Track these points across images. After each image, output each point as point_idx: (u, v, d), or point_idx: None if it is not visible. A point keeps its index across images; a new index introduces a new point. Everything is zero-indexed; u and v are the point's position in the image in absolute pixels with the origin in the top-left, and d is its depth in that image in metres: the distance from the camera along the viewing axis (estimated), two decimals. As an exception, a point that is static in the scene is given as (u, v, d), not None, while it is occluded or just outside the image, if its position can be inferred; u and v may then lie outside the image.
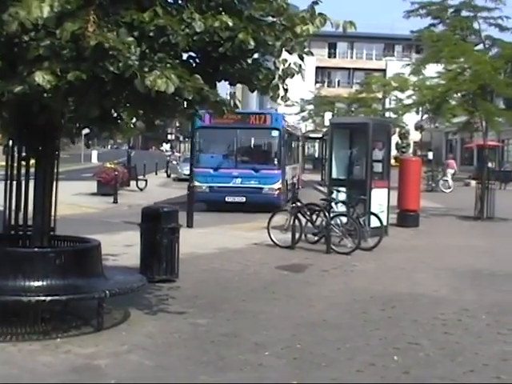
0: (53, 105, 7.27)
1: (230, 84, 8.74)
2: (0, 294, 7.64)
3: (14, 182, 8.57)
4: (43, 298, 7.70)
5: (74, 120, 8.28)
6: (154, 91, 6.70)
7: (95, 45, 6.50)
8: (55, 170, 8.61)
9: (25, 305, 7.88)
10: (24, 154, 8.64)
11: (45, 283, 7.82)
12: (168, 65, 6.98)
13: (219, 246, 15.03)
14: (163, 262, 10.83)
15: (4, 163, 8.73)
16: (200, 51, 7.79)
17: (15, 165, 8.62)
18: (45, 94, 6.78)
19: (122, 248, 13.44)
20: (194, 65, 7.98)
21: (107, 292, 8.06)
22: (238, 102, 8.68)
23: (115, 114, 7.92)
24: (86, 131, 9.17)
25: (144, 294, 9.70)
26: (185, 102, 7.77)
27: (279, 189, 23.84)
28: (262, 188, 23.85)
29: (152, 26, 6.90)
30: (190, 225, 18.24)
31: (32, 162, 8.58)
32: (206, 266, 12.59)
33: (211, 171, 24.16)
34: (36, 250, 8.21)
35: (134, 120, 7.63)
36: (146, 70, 6.79)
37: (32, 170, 8.57)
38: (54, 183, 8.60)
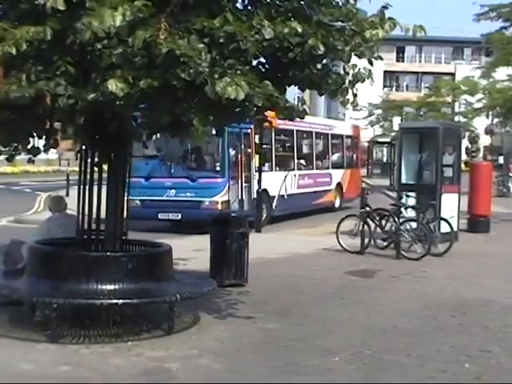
0: (124, 112, 7.38)
1: (300, 89, 8.75)
2: (73, 297, 7.80)
3: (87, 188, 8.73)
4: (115, 301, 7.84)
5: (146, 126, 8.39)
6: (224, 98, 6.76)
7: (167, 52, 6.59)
8: (127, 175, 8.74)
9: (97, 308, 8.03)
10: (96, 159, 8.80)
11: (117, 287, 7.95)
12: (238, 71, 7.04)
13: (288, 251, 15.04)
14: (232, 266, 10.91)
15: (77, 169, 8.89)
16: (269, 57, 7.83)
17: (88, 170, 8.79)
18: (117, 102, 6.89)
19: (191, 252, 13.55)
20: (263, 70, 8.02)
21: (178, 296, 8.15)
22: (306, 108, 8.67)
23: (185, 120, 7.99)
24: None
25: (213, 299, 9.76)
26: (254, 108, 7.80)
27: (224, 202, 18.61)
28: (200, 201, 18.64)
29: (222, 32, 6.97)
30: (258, 230, 18.29)
31: (104, 167, 8.74)
32: (274, 271, 12.60)
33: (142, 181, 18.62)
34: (108, 254, 8.35)
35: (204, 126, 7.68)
36: (217, 76, 6.86)
37: (104, 175, 8.73)
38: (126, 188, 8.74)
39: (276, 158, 21.99)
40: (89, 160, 8.80)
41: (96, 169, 8.81)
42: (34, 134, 8.46)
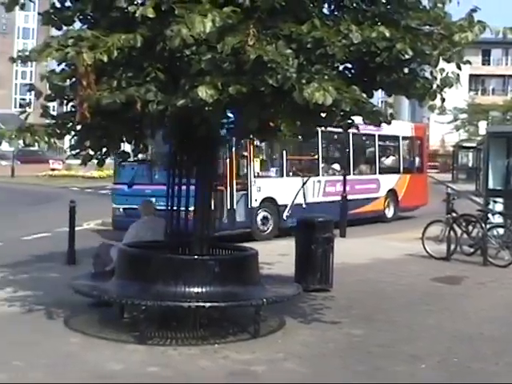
0: (213, 117, 7.48)
1: (387, 94, 8.71)
2: (162, 300, 7.93)
3: (176, 191, 8.87)
4: (203, 304, 7.94)
5: (233, 131, 8.48)
6: (312, 103, 6.78)
7: (255, 58, 6.66)
8: (214, 180, 8.84)
9: (185, 310, 8.16)
10: (185, 163, 8.93)
11: (204, 290, 8.04)
12: (325, 76, 7.07)
13: (372, 257, 14.94)
14: (317, 271, 10.91)
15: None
16: (356, 61, 7.83)
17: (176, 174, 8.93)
18: (206, 108, 7.00)
19: (276, 257, 13.58)
20: (349, 75, 8.03)
21: (265, 300, 8.22)
22: (393, 112, 8.63)
23: (273, 125, 8.06)
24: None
25: (299, 303, 9.77)
26: (341, 113, 7.80)
27: None
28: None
29: (310, 37, 7.01)
30: (342, 235, 18.23)
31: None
32: (359, 276, 12.55)
33: (125, 188, 17.96)
34: (196, 257, 8.46)
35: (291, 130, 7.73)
36: (304, 81, 6.91)
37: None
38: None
39: (288, 163, 19.73)
40: (177, 164, 8.94)
41: (184, 173, 8.95)
42: (124, 139, 8.64)
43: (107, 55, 6.94)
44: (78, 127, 8.12)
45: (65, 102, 8.44)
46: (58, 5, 8.34)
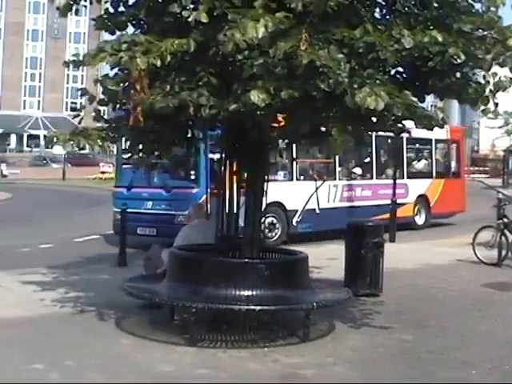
0: (265, 121, 7.52)
1: (439, 98, 8.66)
2: (212, 302, 7.98)
3: (227, 195, 8.92)
4: (253, 307, 7.97)
5: (285, 135, 8.50)
6: (363, 108, 6.78)
7: (307, 63, 6.67)
8: (265, 184, 8.87)
9: (235, 313, 8.18)
10: (235, 167, 8.98)
11: (254, 293, 8.07)
12: (377, 81, 7.06)
13: (422, 262, 14.83)
14: (367, 276, 10.88)
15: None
16: (408, 66, 7.81)
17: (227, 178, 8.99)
18: (258, 112, 7.04)
19: (325, 261, 13.56)
20: (401, 80, 8.00)
21: (315, 304, 8.22)
22: (443, 115, 8.57)
23: (324, 130, 8.07)
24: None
25: (348, 308, 9.75)
26: (392, 117, 7.78)
27: None
28: (174, 215, 15.96)
29: (362, 42, 7.00)
30: (392, 239, 18.12)
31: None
32: (409, 282, 12.47)
33: (124, 191, 17.36)
34: (246, 260, 8.50)
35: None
36: (356, 86, 6.90)
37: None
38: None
39: (299, 166, 18.73)
40: (228, 168, 9.00)
41: (235, 177, 9.01)
42: (176, 143, 8.72)
43: (160, 60, 7.02)
44: (131, 131, 8.20)
45: (118, 106, 8.53)
46: (111, 10, 8.45)
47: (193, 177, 16.27)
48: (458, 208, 23.74)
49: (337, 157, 19.05)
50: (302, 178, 18.78)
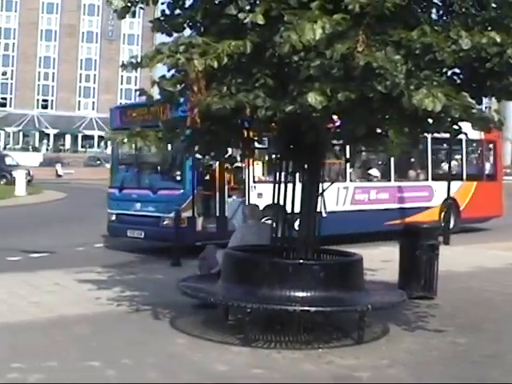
0: (321, 123, 7.53)
1: (497, 99, 8.56)
2: (267, 303, 8.01)
3: (282, 197, 8.94)
4: (308, 308, 7.98)
5: (340, 137, 8.50)
6: (421, 110, 6.74)
7: (364, 64, 6.66)
8: (320, 185, 8.87)
9: (289, 314, 8.20)
10: (291, 169, 9.00)
11: (309, 294, 8.08)
12: (434, 82, 7.01)
13: (476, 265, 14.67)
14: (422, 278, 10.80)
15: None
16: (465, 67, 7.73)
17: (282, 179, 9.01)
18: (314, 114, 7.04)
19: (379, 263, 13.48)
20: (458, 81, 7.94)
21: (369, 306, 8.21)
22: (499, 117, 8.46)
23: (379, 131, 8.04)
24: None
25: (402, 310, 9.70)
26: (448, 119, 7.72)
27: (185, 219, 15.15)
28: (159, 217, 15.49)
29: (419, 43, 6.95)
30: (446, 242, 17.95)
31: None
32: (463, 285, 12.34)
33: (117, 192, 16.91)
34: (301, 261, 8.49)
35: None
36: (413, 88, 6.86)
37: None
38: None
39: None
40: (283, 169, 9.02)
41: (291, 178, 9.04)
42: (232, 144, 8.77)
43: (217, 61, 7.07)
44: (188, 132, 8.28)
45: (174, 107, 8.61)
46: (167, 12, 8.53)
47: (178, 178, 15.63)
48: (494, 212, 22.06)
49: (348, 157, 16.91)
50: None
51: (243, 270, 8.56)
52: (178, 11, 8.49)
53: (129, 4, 8.17)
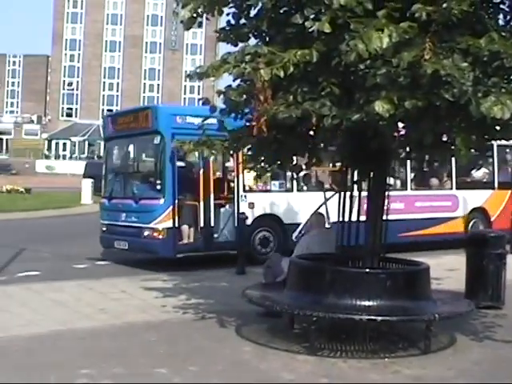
0: (387, 131, 7.49)
1: None
2: (333, 312, 7.99)
3: (347, 205, 8.92)
4: (374, 317, 7.93)
5: (406, 145, 8.44)
6: (489, 118, 6.67)
7: (431, 72, 6.61)
8: (386, 193, 8.82)
9: (355, 323, 8.17)
10: (356, 177, 8.98)
11: (375, 303, 8.05)
12: (502, 89, 6.93)
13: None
14: (489, 288, 10.64)
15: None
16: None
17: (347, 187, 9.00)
18: (380, 122, 7.02)
19: (445, 272, 13.34)
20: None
21: (437, 315, 8.13)
22: None
23: (445, 139, 7.98)
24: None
25: (469, 320, 9.57)
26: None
27: (164, 230, 14.37)
28: (141, 228, 14.75)
29: (486, 51, 6.88)
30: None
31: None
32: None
33: (106, 202, 16.32)
34: (368, 270, 8.47)
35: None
36: (480, 95, 6.79)
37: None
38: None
39: (301, 175, 16.09)
40: (349, 177, 9.01)
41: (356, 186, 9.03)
42: (297, 153, 8.78)
43: (283, 71, 7.08)
44: (253, 141, 8.31)
45: (239, 116, 8.65)
46: (232, 22, 8.59)
47: (158, 187, 14.65)
48: None
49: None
50: (305, 188, 16.78)
51: (309, 278, 8.56)
52: (242, 21, 8.54)
53: (195, 15, 8.25)
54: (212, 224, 14.83)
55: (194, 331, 8.99)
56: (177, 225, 14.46)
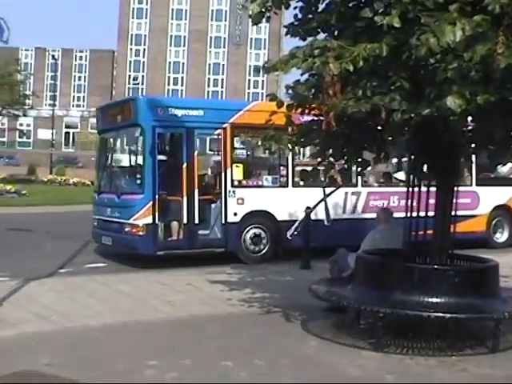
0: (457, 126, 7.40)
1: None
2: (400, 308, 7.93)
3: (415, 201, 8.82)
4: (442, 315, 7.85)
5: (475, 140, 8.31)
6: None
7: (504, 66, 6.50)
8: (455, 189, 8.71)
9: (422, 320, 8.06)
10: (425, 171, 8.88)
11: (442, 300, 7.96)
12: None
13: None
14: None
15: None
16: None
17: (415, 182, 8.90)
18: (451, 117, 6.93)
19: (511, 269, 13.14)
20: None
21: (506, 314, 8.01)
22: None
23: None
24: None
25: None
26: None
27: (146, 226, 13.81)
28: (122, 224, 14.24)
29: None
30: None
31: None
32: None
33: (96, 196, 15.97)
34: (436, 267, 8.37)
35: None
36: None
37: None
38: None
39: (296, 170, 15.79)
40: (417, 172, 8.91)
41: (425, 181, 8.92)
42: (365, 147, 8.72)
43: (353, 65, 7.05)
44: (322, 136, 8.28)
45: (306, 111, 8.62)
46: (299, 16, 8.56)
47: (138, 181, 14.17)
48: None
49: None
50: (301, 183, 15.82)
51: (376, 274, 8.52)
52: (310, 15, 8.51)
53: (263, 9, 8.25)
54: (196, 221, 14.29)
55: (260, 325, 9.02)
56: (157, 221, 13.96)
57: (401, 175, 16.52)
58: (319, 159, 8.91)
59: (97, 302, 10.18)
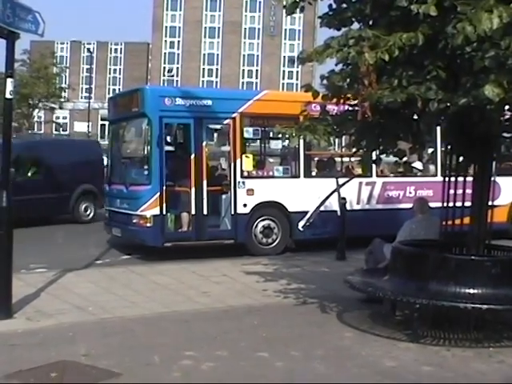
0: (494, 115, 7.32)
1: None
2: (437, 299, 7.88)
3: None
4: (479, 306, 7.78)
5: (510, 131, 8.23)
6: None
7: (542, 54, 6.43)
8: (492, 179, 8.63)
9: (458, 311, 8.02)
10: (461, 161, 8.80)
11: (479, 291, 7.90)
12: None
13: None
14: None
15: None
16: None
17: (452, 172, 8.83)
18: (488, 106, 6.86)
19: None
20: None
21: (544, 305, 7.92)
22: None
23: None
24: None
25: None
26: None
27: (153, 218, 13.65)
28: (131, 215, 14.10)
29: None
30: None
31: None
32: None
33: (107, 187, 15.92)
34: (473, 257, 8.31)
35: None
36: None
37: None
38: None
39: (308, 160, 15.26)
40: (453, 161, 8.83)
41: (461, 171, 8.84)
42: (401, 137, 8.66)
43: (388, 54, 7.01)
44: (357, 126, 8.24)
45: (341, 101, 8.59)
46: (334, 6, 8.51)
47: (145, 172, 14.00)
48: None
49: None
50: (313, 174, 15.47)
51: (412, 265, 8.46)
52: (344, 5, 8.46)
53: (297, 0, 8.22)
54: (205, 212, 14.08)
55: (296, 316, 9.02)
56: (164, 212, 13.82)
57: (418, 164, 16.31)
58: (354, 149, 8.88)
59: (133, 292, 10.24)
